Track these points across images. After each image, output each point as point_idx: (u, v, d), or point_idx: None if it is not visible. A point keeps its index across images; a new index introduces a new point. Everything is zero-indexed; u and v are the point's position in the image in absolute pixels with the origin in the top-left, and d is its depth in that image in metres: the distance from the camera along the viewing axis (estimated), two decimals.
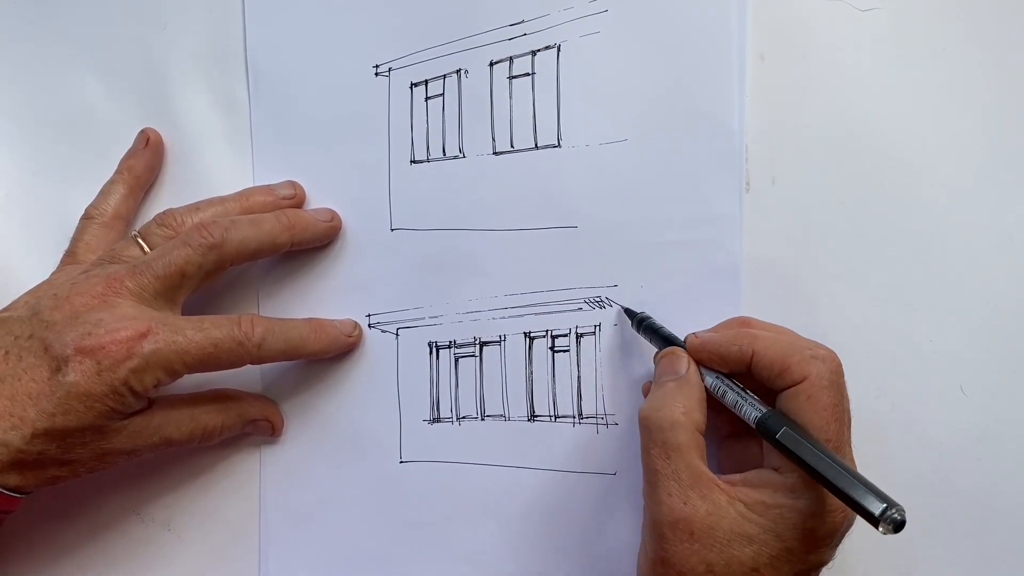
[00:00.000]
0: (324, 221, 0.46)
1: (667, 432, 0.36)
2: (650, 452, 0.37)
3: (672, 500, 0.35)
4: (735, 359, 0.38)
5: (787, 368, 0.36)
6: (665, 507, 0.35)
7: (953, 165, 0.41)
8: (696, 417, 0.37)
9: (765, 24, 0.42)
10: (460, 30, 0.45)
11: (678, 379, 0.38)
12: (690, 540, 0.35)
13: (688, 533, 0.35)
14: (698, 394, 0.38)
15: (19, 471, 0.39)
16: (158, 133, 0.49)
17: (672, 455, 0.36)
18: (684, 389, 0.38)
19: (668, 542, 0.35)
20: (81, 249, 0.46)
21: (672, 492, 0.35)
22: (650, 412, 0.37)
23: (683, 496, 0.35)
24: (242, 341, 0.42)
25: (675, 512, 0.35)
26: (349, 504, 0.47)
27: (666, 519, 0.35)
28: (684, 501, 0.35)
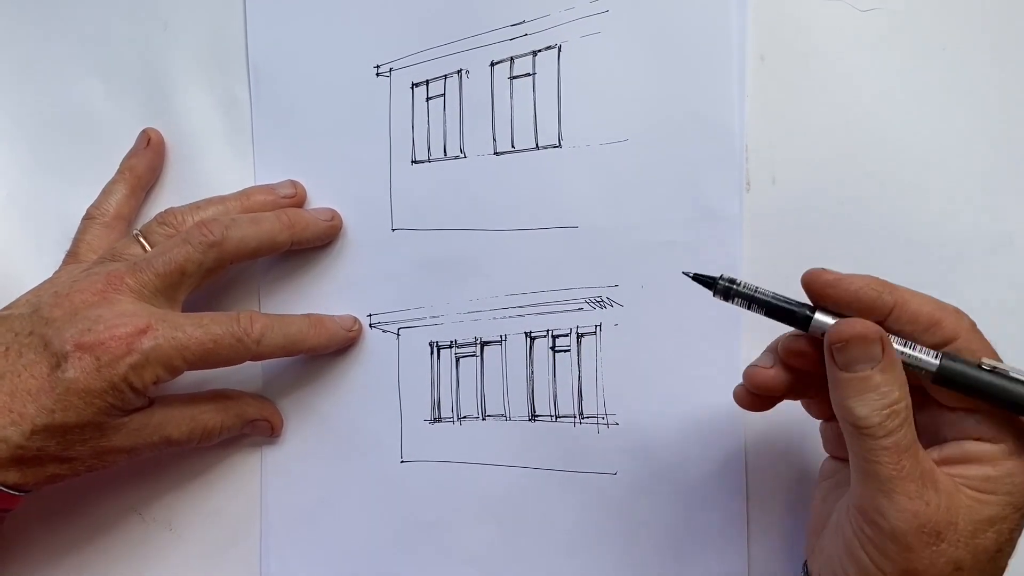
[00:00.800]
0: (324, 220, 0.46)
1: (897, 434, 0.32)
2: (881, 460, 0.32)
3: (914, 504, 0.31)
4: (871, 306, 0.33)
5: (938, 323, 0.33)
6: (908, 513, 0.31)
7: (953, 165, 0.41)
8: (910, 401, 0.32)
9: (765, 24, 0.42)
10: (461, 30, 0.45)
11: (882, 368, 0.32)
12: (937, 542, 0.32)
13: (935, 535, 0.31)
14: (903, 374, 0.33)
15: (18, 468, 0.39)
16: (159, 133, 0.49)
17: (904, 456, 0.32)
18: (893, 376, 0.32)
19: (915, 551, 0.32)
20: (83, 249, 0.46)
21: (912, 495, 0.31)
22: (872, 416, 0.32)
23: (923, 497, 0.31)
24: (241, 337, 0.42)
25: (920, 516, 0.31)
26: (350, 504, 0.47)
27: (911, 526, 0.31)
28: (926, 502, 0.31)
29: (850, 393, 0.32)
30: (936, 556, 0.32)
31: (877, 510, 0.32)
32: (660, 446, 0.43)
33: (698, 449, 0.42)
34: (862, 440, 0.32)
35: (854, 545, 0.33)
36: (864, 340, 0.32)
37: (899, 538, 0.32)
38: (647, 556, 0.43)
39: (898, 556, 0.32)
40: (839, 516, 0.35)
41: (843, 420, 0.33)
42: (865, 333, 0.32)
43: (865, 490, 0.32)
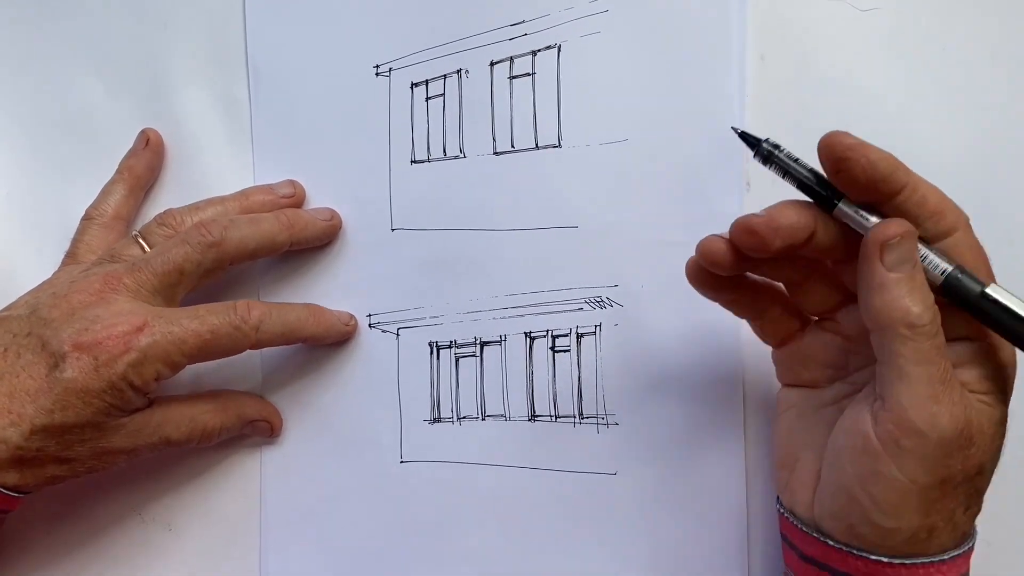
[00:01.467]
0: (323, 220, 0.46)
1: (940, 335, 0.32)
2: (932, 359, 0.31)
3: (958, 408, 0.31)
4: (886, 179, 0.32)
5: (941, 212, 0.33)
6: (958, 418, 0.31)
7: (953, 165, 0.41)
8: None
9: (765, 24, 0.42)
10: (460, 30, 0.45)
11: (919, 266, 0.32)
12: (969, 445, 0.32)
13: (968, 439, 0.32)
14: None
15: (18, 468, 0.39)
16: (158, 133, 0.49)
17: (946, 362, 0.32)
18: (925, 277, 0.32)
19: (953, 456, 0.32)
20: (82, 249, 0.46)
21: (956, 400, 0.32)
22: (925, 312, 0.31)
23: (964, 402, 0.32)
24: (239, 325, 0.42)
25: (959, 420, 0.31)
26: (350, 504, 0.47)
27: (958, 429, 0.31)
28: (965, 406, 0.32)
29: (904, 292, 0.32)
30: (967, 460, 0.32)
31: (926, 418, 0.31)
32: (660, 446, 0.43)
33: (698, 449, 0.42)
34: (911, 342, 0.31)
35: (881, 464, 0.32)
36: (913, 237, 0.32)
37: (945, 444, 0.31)
38: (647, 556, 0.43)
39: (938, 463, 0.32)
40: (841, 442, 0.34)
41: (890, 322, 0.32)
42: (908, 230, 0.32)
43: (911, 399, 0.32)
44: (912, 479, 0.32)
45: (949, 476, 0.32)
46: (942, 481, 0.32)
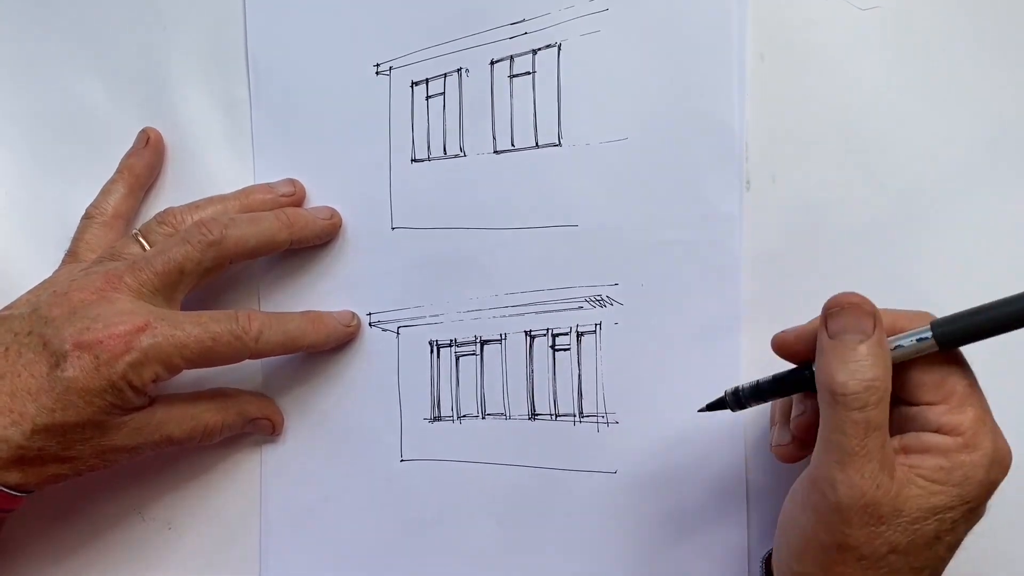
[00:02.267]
0: (323, 219, 0.46)
1: (871, 409, 0.32)
2: (846, 431, 0.32)
3: (865, 483, 0.32)
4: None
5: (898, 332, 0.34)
6: (857, 490, 0.32)
7: (954, 164, 0.41)
8: (890, 386, 0.33)
9: (765, 24, 0.42)
10: (461, 29, 0.45)
11: (869, 342, 0.33)
12: (877, 523, 0.32)
13: (877, 517, 0.32)
14: (890, 362, 0.33)
15: (20, 468, 0.39)
16: (158, 132, 0.49)
17: (872, 434, 0.32)
18: (879, 353, 0.33)
19: (853, 527, 0.32)
20: (82, 248, 0.46)
21: (867, 474, 0.32)
22: (855, 386, 0.32)
23: (875, 479, 0.32)
24: (240, 335, 0.42)
25: (867, 496, 0.32)
26: (350, 503, 0.47)
27: (856, 504, 0.32)
28: (877, 484, 0.32)
29: (834, 358, 0.33)
30: (873, 536, 0.32)
31: (828, 480, 0.33)
32: (660, 446, 0.43)
33: (698, 449, 0.42)
34: (835, 409, 0.32)
35: (799, 512, 0.34)
36: (857, 310, 0.34)
37: (842, 511, 0.32)
38: (647, 556, 0.43)
39: (836, 529, 0.33)
40: (792, 490, 0.36)
41: (822, 388, 0.33)
42: (859, 303, 0.34)
43: (823, 460, 0.33)
44: (815, 532, 0.33)
45: (849, 545, 0.33)
46: (840, 546, 0.33)
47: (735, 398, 0.38)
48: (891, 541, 0.33)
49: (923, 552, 0.33)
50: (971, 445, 0.33)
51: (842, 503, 0.32)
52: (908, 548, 0.33)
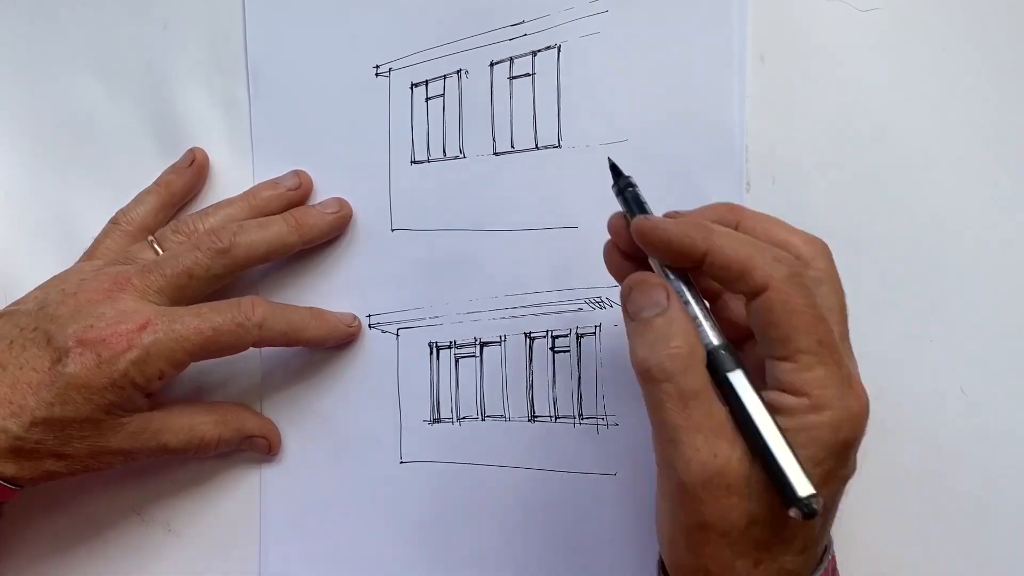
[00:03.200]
0: (331, 213, 0.46)
1: (679, 379, 0.31)
2: (664, 406, 0.31)
3: (702, 455, 0.31)
4: (686, 255, 0.33)
5: (747, 273, 0.32)
6: (695, 464, 0.31)
7: (954, 165, 0.41)
8: (700, 351, 0.32)
9: (765, 24, 0.42)
10: (460, 31, 0.45)
11: (664, 314, 0.32)
12: (727, 495, 0.31)
13: (725, 488, 0.31)
14: (691, 326, 0.32)
15: (16, 459, 0.40)
16: (205, 154, 0.49)
17: (690, 403, 0.31)
18: (677, 324, 0.32)
19: (705, 503, 0.31)
20: (100, 252, 0.46)
21: (699, 446, 0.31)
22: (653, 359, 0.32)
23: (712, 448, 0.31)
24: (242, 322, 0.42)
25: (708, 468, 0.31)
26: (349, 504, 0.47)
27: (698, 478, 0.31)
28: (715, 453, 0.31)
29: (636, 338, 0.32)
30: (728, 508, 0.31)
31: (667, 462, 0.32)
32: None
33: None
34: (649, 388, 0.32)
35: (659, 500, 0.33)
36: (645, 285, 0.33)
37: (688, 490, 0.31)
38: (646, 556, 0.43)
39: (691, 509, 0.31)
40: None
41: (635, 372, 0.33)
42: (644, 279, 0.33)
43: (657, 444, 0.32)
44: (675, 518, 0.32)
45: (707, 523, 0.31)
46: (700, 526, 0.31)
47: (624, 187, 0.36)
48: (748, 512, 0.31)
49: (787, 521, 0.31)
50: (817, 406, 0.31)
51: (685, 482, 0.31)
52: (769, 518, 0.31)
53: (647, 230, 0.34)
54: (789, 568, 0.32)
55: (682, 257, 0.33)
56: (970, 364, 0.41)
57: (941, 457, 0.41)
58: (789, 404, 0.32)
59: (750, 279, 0.32)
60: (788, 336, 0.31)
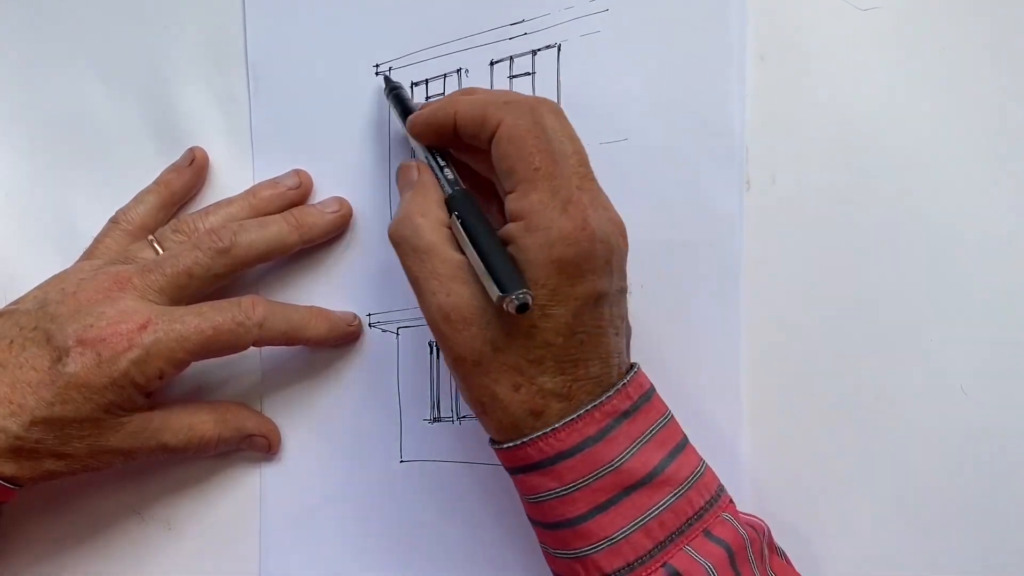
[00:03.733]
0: (332, 212, 0.46)
1: (412, 238, 0.36)
2: (405, 263, 0.37)
3: (437, 297, 0.35)
4: (442, 125, 0.38)
5: (484, 120, 0.36)
6: (434, 306, 0.36)
7: (953, 165, 0.41)
8: (438, 214, 0.37)
9: (765, 24, 0.42)
10: (460, 29, 0.45)
11: (412, 186, 0.39)
12: (466, 327, 0.35)
13: (462, 321, 0.35)
14: (435, 193, 0.38)
15: (15, 459, 0.40)
16: (205, 153, 0.49)
17: (424, 257, 0.36)
18: (419, 193, 0.38)
19: (449, 337, 0.35)
20: (100, 251, 0.46)
21: (435, 290, 0.36)
22: (394, 227, 0.37)
23: (445, 289, 0.35)
24: (243, 321, 0.42)
25: (444, 306, 0.35)
26: (349, 504, 0.47)
27: (438, 316, 0.36)
28: (447, 293, 0.35)
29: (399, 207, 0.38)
30: (470, 338, 0.35)
31: (420, 308, 0.37)
32: None
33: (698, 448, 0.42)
34: (396, 250, 0.37)
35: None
36: (401, 170, 0.41)
37: (434, 328, 0.36)
38: None
39: (442, 344, 0.36)
40: None
41: None
42: (402, 164, 0.41)
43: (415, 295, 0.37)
44: (444, 358, 0.37)
45: (459, 355, 0.35)
46: (457, 360, 0.36)
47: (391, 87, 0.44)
48: (490, 339, 0.35)
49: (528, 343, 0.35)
50: (532, 227, 0.34)
51: (430, 321, 0.36)
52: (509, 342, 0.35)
53: (411, 121, 0.40)
54: (549, 387, 0.35)
55: (441, 127, 0.39)
56: (970, 364, 0.41)
57: (941, 457, 0.41)
58: (513, 231, 0.35)
59: (487, 124, 0.36)
60: (513, 166, 0.35)
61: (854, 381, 0.42)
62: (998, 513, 0.41)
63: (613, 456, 0.35)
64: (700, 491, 0.36)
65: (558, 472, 0.35)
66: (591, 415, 0.35)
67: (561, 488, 0.35)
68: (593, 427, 0.35)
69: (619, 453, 0.35)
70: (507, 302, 0.33)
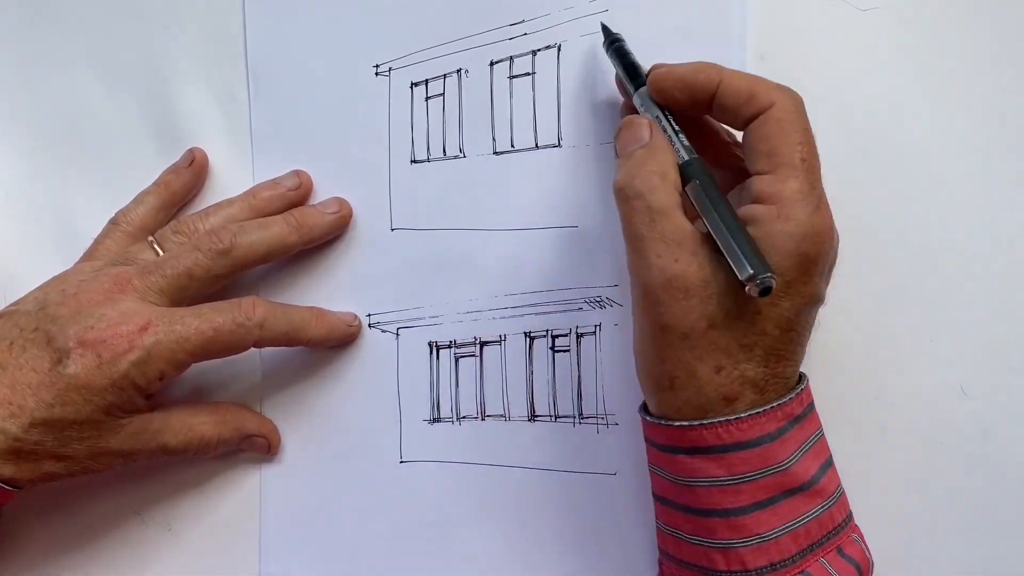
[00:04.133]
0: (332, 213, 0.46)
1: (648, 196, 0.35)
2: (632, 220, 0.35)
3: (662, 260, 0.34)
4: (701, 87, 0.36)
5: (754, 95, 0.35)
6: (656, 269, 0.34)
7: (953, 165, 0.41)
8: (674, 177, 0.36)
9: (765, 24, 0.42)
10: (460, 30, 0.45)
11: (645, 145, 0.37)
12: (686, 297, 0.34)
13: (683, 290, 0.34)
14: (671, 156, 0.36)
15: (15, 461, 0.40)
16: (204, 154, 0.49)
17: (657, 218, 0.34)
18: (656, 153, 0.36)
19: (664, 304, 0.34)
20: (100, 252, 0.46)
21: (661, 253, 0.34)
22: (626, 180, 0.36)
23: (673, 255, 0.34)
24: (243, 322, 0.42)
25: (667, 271, 0.34)
26: (349, 504, 0.47)
27: (658, 281, 0.34)
28: (675, 259, 0.34)
29: (617, 167, 0.37)
30: (687, 310, 0.34)
31: (634, 270, 0.35)
32: None
33: None
34: (620, 206, 0.36)
35: (632, 313, 0.37)
36: (631, 124, 0.38)
37: (649, 293, 0.35)
38: (647, 556, 0.43)
39: (651, 310, 0.35)
40: None
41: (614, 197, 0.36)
42: (632, 119, 0.38)
43: (628, 256, 0.36)
44: (640, 324, 0.36)
45: (668, 324, 0.34)
46: (662, 328, 0.34)
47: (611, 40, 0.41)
48: (707, 315, 0.34)
49: (747, 327, 0.34)
50: (784, 216, 0.34)
51: (647, 285, 0.35)
52: (727, 322, 0.34)
53: (663, 75, 0.37)
54: (750, 376, 0.34)
55: (700, 90, 0.37)
56: (970, 364, 0.41)
57: (941, 457, 0.41)
58: (759, 213, 0.34)
59: (756, 101, 0.35)
60: (776, 148, 0.35)
61: (854, 381, 0.42)
62: (998, 513, 0.41)
63: (784, 457, 0.35)
64: (840, 508, 0.36)
65: (729, 461, 0.34)
66: (774, 412, 0.35)
67: (728, 478, 0.34)
68: (773, 425, 0.35)
69: (789, 455, 0.35)
70: (752, 283, 0.32)
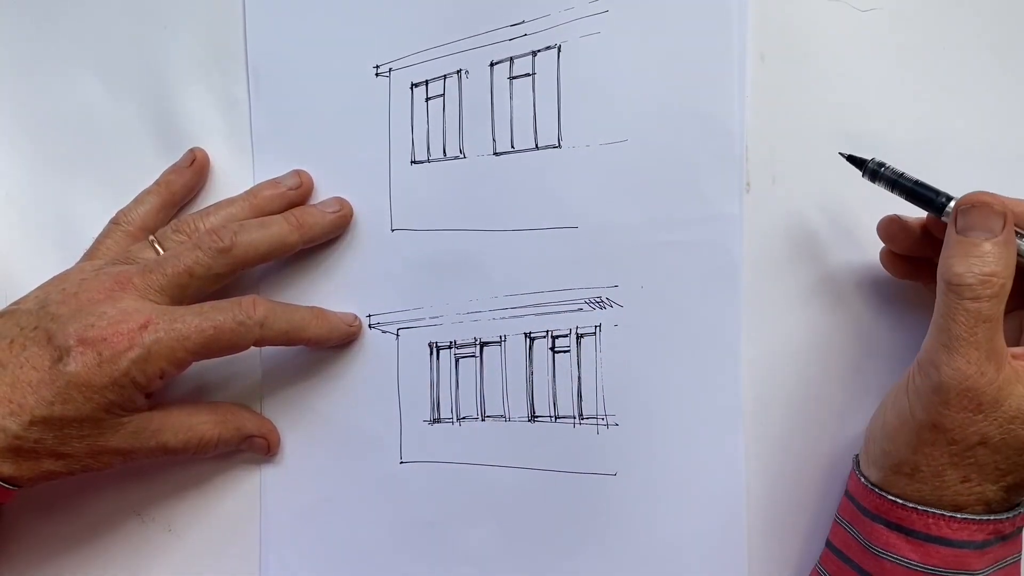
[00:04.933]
0: (332, 212, 0.46)
1: (984, 301, 0.34)
2: (956, 317, 0.34)
3: (969, 368, 0.34)
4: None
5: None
6: (960, 374, 0.34)
7: (953, 165, 0.41)
8: (1009, 287, 0.34)
9: (765, 24, 0.42)
10: (461, 30, 0.45)
11: (995, 240, 0.34)
12: (975, 411, 0.34)
13: (976, 404, 0.34)
14: (1014, 260, 0.35)
15: (14, 459, 0.40)
16: (205, 154, 0.49)
17: (981, 326, 0.34)
18: (1005, 253, 0.34)
19: (950, 408, 0.34)
20: (101, 252, 0.46)
21: (972, 360, 0.34)
22: (966, 274, 0.34)
23: (980, 366, 0.34)
24: (243, 321, 0.42)
25: (968, 380, 0.34)
26: (349, 504, 0.47)
27: (957, 386, 0.34)
28: (981, 372, 0.34)
29: (957, 252, 0.35)
30: (968, 423, 0.34)
31: (934, 362, 0.34)
32: (660, 446, 0.43)
33: (698, 449, 0.42)
34: (949, 297, 0.34)
35: (902, 393, 0.36)
36: (987, 208, 0.35)
37: (942, 392, 0.34)
38: (647, 556, 0.43)
39: (933, 408, 0.34)
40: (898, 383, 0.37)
41: (940, 277, 0.35)
42: (990, 203, 0.35)
43: (933, 343, 0.35)
44: (912, 411, 0.35)
45: (944, 426, 0.34)
46: (934, 426, 0.34)
47: (875, 169, 0.38)
48: (983, 432, 0.34)
49: (1012, 455, 0.34)
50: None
51: (943, 384, 0.34)
52: (999, 445, 0.34)
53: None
54: (989, 497, 0.35)
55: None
56: None
57: None
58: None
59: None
60: None
61: (854, 381, 0.42)
62: None
63: (978, 567, 0.35)
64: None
65: (927, 551, 0.35)
66: (986, 525, 0.35)
67: (919, 564, 0.35)
68: (981, 536, 0.35)
69: (983, 567, 0.35)
70: None
